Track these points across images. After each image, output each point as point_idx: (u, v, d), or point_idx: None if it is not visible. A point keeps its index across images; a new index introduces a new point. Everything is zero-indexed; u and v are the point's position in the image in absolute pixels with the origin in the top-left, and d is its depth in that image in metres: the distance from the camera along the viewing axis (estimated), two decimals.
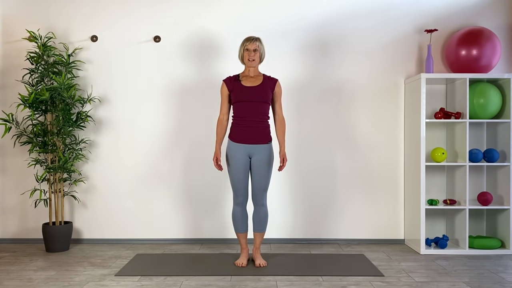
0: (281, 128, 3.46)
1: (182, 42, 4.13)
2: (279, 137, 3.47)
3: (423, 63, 4.13)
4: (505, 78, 3.81)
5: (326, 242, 4.16)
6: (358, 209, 4.15)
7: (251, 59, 3.34)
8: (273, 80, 3.42)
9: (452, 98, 4.03)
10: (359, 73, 4.13)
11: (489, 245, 3.81)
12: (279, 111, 3.46)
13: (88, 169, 4.16)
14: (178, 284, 3.03)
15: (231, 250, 3.89)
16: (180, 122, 4.14)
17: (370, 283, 3.04)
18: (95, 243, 4.15)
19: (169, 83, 4.14)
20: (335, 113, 4.14)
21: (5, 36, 4.15)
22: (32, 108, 3.78)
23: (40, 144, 3.85)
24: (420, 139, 3.79)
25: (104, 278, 3.17)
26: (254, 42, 3.34)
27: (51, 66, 3.88)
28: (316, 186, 4.15)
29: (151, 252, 3.83)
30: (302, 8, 4.13)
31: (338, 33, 4.13)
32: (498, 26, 4.11)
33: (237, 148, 3.35)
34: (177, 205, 4.16)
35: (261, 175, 3.36)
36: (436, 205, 3.87)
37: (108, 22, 4.14)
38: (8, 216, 4.18)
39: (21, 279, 3.14)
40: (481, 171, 4.12)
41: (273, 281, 3.08)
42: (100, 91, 4.15)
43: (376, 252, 3.86)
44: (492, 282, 3.07)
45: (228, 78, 3.42)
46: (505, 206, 3.82)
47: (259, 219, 3.45)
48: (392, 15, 4.13)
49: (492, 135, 4.06)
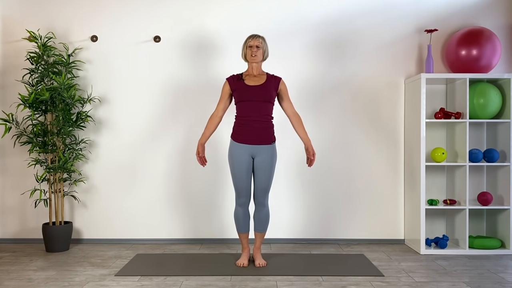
0: (297, 123, 3.38)
1: (182, 42, 4.13)
2: (299, 133, 3.37)
3: (423, 63, 4.13)
4: (505, 78, 3.81)
5: (326, 242, 4.16)
6: (358, 209, 4.15)
7: (253, 55, 3.32)
8: (277, 78, 3.39)
9: (452, 98, 4.03)
10: (359, 73, 4.13)
11: (489, 245, 3.81)
12: (290, 107, 3.40)
13: (88, 169, 4.16)
14: (178, 284, 3.03)
15: (231, 250, 3.89)
16: (180, 122, 4.14)
17: (370, 283, 3.04)
18: (95, 243, 4.15)
19: (169, 83, 4.14)
20: (335, 113, 4.14)
21: (5, 36, 4.15)
22: (32, 108, 3.78)
23: (40, 144, 3.85)
24: (420, 139, 3.79)
25: (104, 278, 3.17)
26: (256, 38, 3.33)
27: (51, 66, 3.88)
28: (316, 186, 4.15)
29: (151, 252, 3.83)
30: (303, 8, 4.12)
31: (338, 33, 4.13)
32: (498, 26, 4.11)
33: (240, 148, 3.33)
34: (177, 205, 4.16)
35: (263, 176, 3.35)
36: (436, 205, 3.87)
37: (108, 22, 4.14)
38: (8, 216, 4.18)
39: (21, 279, 3.14)
40: (481, 171, 4.12)
41: (273, 281, 3.08)
42: (100, 91, 4.15)
43: (376, 252, 3.86)
44: (492, 282, 3.07)
45: (232, 77, 3.40)
46: (505, 206, 3.82)
47: (260, 220, 3.44)
48: (392, 15, 4.13)
49: (492, 135, 4.06)
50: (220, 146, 4.10)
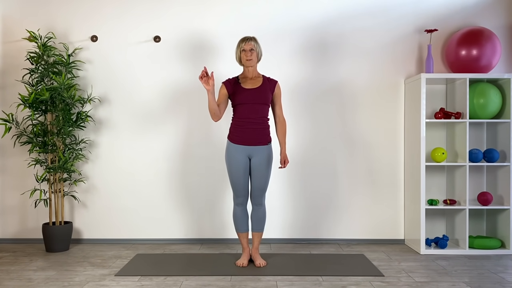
0: (281, 129, 3.46)
1: (182, 42, 4.13)
2: (280, 138, 3.47)
3: (423, 63, 4.13)
4: (505, 78, 3.81)
5: (326, 242, 4.16)
6: (358, 209, 4.15)
7: (248, 59, 3.34)
8: (273, 81, 3.42)
9: (452, 98, 4.03)
10: (359, 73, 4.13)
11: (489, 245, 3.81)
12: (280, 113, 3.46)
13: (88, 169, 4.16)
14: (178, 284, 3.03)
15: (231, 250, 3.89)
16: (180, 121, 4.14)
17: (370, 283, 3.04)
18: (95, 243, 4.15)
19: (169, 82, 4.14)
20: (335, 113, 4.14)
21: (5, 36, 4.15)
22: (32, 108, 3.78)
23: (40, 144, 3.85)
24: (420, 139, 3.79)
25: (104, 278, 3.17)
26: (249, 42, 3.34)
27: (51, 66, 3.88)
28: (316, 186, 4.15)
29: (151, 252, 3.83)
30: (302, 8, 4.12)
31: (338, 33, 4.13)
32: (498, 26, 4.11)
33: (237, 149, 3.35)
34: (177, 205, 4.16)
35: (260, 175, 3.37)
36: (436, 205, 3.87)
37: (108, 22, 4.14)
38: (8, 216, 4.18)
39: (21, 279, 3.14)
40: (481, 171, 4.12)
41: (273, 281, 3.08)
42: (100, 91, 4.15)
43: (376, 252, 3.86)
44: (492, 282, 3.07)
45: (228, 81, 3.41)
46: (505, 206, 3.82)
47: (257, 219, 3.45)
48: (392, 15, 4.13)
49: (492, 135, 4.06)
50: (220, 146, 4.10)
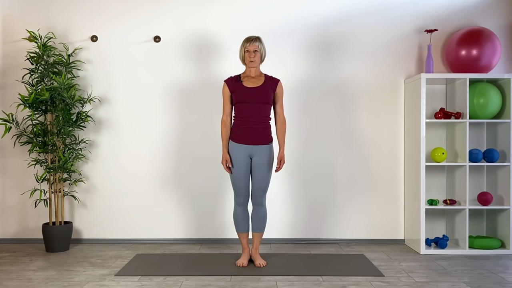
0: (281, 129, 3.45)
1: (182, 42, 4.13)
2: (279, 138, 3.46)
3: (423, 63, 4.13)
4: (505, 78, 3.81)
5: (326, 242, 4.16)
6: (358, 209, 4.15)
7: (251, 60, 3.34)
8: (275, 80, 3.41)
9: (452, 98, 4.03)
10: (359, 73, 4.13)
11: (489, 245, 3.81)
12: (280, 112, 3.45)
13: (88, 169, 4.16)
14: (178, 284, 3.03)
15: (231, 250, 3.89)
16: (180, 121, 4.14)
17: (370, 283, 3.04)
18: (95, 243, 4.15)
19: (169, 83, 4.14)
20: (335, 113, 4.14)
21: (5, 36, 4.15)
22: (32, 108, 3.78)
23: (40, 144, 3.85)
24: (420, 139, 3.79)
25: (104, 278, 3.17)
26: (253, 43, 3.34)
27: (51, 66, 3.88)
28: (316, 186, 4.15)
29: (151, 252, 3.83)
30: (303, 8, 4.12)
31: (338, 33, 4.13)
32: (498, 26, 4.11)
33: (238, 148, 3.34)
34: (177, 205, 4.16)
35: (261, 175, 3.36)
36: (436, 205, 3.87)
37: (108, 22, 4.14)
38: (8, 216, 4.18)
39: (21, 279, 3.14)
40: (481, 171, 4.12)
41: (273, 281, 3.08)
42: (100, 91, 4.15)
43: (376, 252, 3.86)
44: (492, 282, 3.07)
45: (230, 79, 3.41)
46: (505, 206, 3.82)
47: (258, 219, 3.45)
48: (392, 15, 4.13)
49: (492, 135, 4.06)
50: (221, 146, 4.10)
